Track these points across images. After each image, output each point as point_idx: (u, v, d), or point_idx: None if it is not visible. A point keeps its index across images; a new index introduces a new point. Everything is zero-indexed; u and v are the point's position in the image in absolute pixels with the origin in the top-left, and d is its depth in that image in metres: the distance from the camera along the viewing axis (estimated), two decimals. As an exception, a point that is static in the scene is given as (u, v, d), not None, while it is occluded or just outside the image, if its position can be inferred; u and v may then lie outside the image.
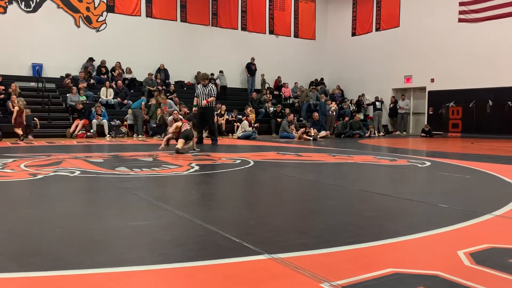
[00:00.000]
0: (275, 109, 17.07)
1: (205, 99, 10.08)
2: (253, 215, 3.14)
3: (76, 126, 12.86)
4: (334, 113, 16.83)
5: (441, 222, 2.70)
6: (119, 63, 16.55)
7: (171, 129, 8.23)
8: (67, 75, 15.15)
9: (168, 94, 15.94)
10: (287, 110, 16.55)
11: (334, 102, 17.74)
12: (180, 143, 7.56)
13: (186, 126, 8.03)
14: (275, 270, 1.87)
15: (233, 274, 1.83)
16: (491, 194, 4.05)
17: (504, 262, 1.97)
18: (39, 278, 1.78)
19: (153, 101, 14.12)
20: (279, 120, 15.87)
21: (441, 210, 3.16)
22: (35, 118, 12.01)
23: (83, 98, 14.23)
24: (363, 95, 19.98)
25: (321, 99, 16.84)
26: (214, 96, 10.24)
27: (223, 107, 15.39)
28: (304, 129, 13.71)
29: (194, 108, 10.67)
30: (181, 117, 8.40)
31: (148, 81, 16.44)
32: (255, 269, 1.90)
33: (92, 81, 15.62)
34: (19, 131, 11.15)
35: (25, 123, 11.50)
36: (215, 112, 14.86)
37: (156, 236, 2.43)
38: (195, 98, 10.40)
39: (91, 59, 16.18)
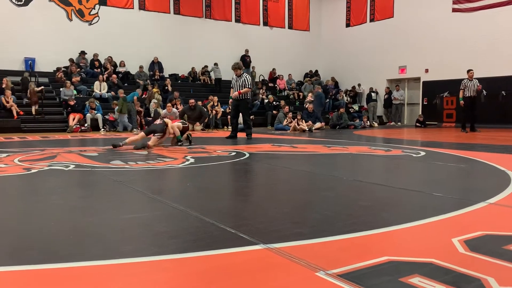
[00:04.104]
0: (267, 100, 17.02)
1: (238, 90, 9.51)
2: (249, 206, 3.14)
3: (73, 120, 12.79)
4: (308, 104, 16.25)
5: (436, 211, 2.71)
6: (111, 57, 16.42)
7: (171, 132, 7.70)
8: (58, 69, 15.04)
9: (167, 88, 15.87)
10: (282, 102, 16.53)
11: (310, 94, 17.44)
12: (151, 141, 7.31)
13: (158, 121, 7.83)
14: (271, 260, 1.88)
15: (229, 265, 1.84)
16: (485, 182, 4.08)
17: (497, 249, 1.99)
18: (34, 271, 1.77)
19: (121, 94, 13.62)
20: (275, 112, 15.84)
21: (435, 199, 3.17)
22: None
23: (75, 92, 14.14)
24: (359, 85, 20.00)
25: (317, 90, 16.75)
26: (248, 87, 9.59)
27: (215, 98, 15.26)
28: (295, 120, 13.69)
29: (230, 100, 10.22)
30: (167, 119, 7.98)
31: (139, 74, 16.34)
32: (250, 259, 1.90)
33: (78, 69, 15.48)
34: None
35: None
36: (209, 105, 14.84)
37: (152, 228, 2.43)
38: (231, 90, 9.86)
39: (82, 53, 16.05)
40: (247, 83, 9.57)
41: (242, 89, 9.51)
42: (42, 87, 13.76)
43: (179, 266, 1.84)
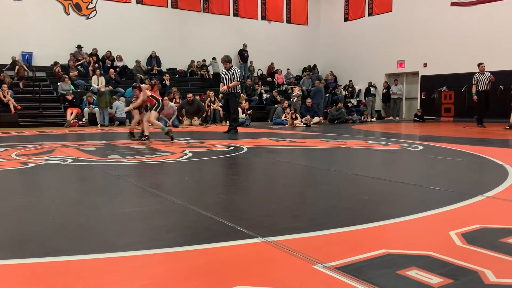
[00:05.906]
0: (268, 96, 16.99)
1: (227, 84, 9.46)
2: (247, 200, 3.14)
3: (71, 114, 12.74)
4: (296, 99, 15.39)
5: (433, 204, 2.72)
6: (110, 52, 16.35)
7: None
8: (56, 63, 14.97)
9: (165, 82, 15.81)
10: (278, 97, 16.54)
11: (298, 87, 17.27)
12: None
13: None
14: (269, 253, 1.88)
15: (227, 258, 1.84)
16: (482, 176, 4.09)
17: (494, 242, 1.99)
18: (32, 264, 1.77)
19: (102, 88, 13.55)
20: (276, 106, 15.80)
21: (433, 193, 3.18)
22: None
23: (72, 87, 14.07)
24: (350, 81, 19.97)
25: (317, 85, 16.65)
26: (237, 80, 9.49)
27: (211, 93, 15.13)
28: (291, 113, 13.69)
29: (220, 95, 10.17)
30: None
31: (137, 68, 16.29)
32: (248, 252, 1.91)
33: (79, 66, 15.41)
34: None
35: None
36: (207, 100, 14.79)
37: (149, 222, 2.42)
38: (221, 84, 9.83)
39: (79, 46, 15.97)
40: (236, 76, 9.51)
41: (231, 83, 9.47)
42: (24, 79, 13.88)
43: (176, 259, 1.84)
